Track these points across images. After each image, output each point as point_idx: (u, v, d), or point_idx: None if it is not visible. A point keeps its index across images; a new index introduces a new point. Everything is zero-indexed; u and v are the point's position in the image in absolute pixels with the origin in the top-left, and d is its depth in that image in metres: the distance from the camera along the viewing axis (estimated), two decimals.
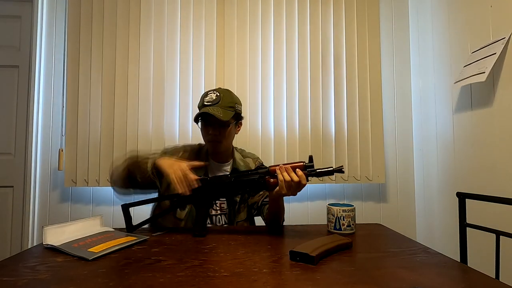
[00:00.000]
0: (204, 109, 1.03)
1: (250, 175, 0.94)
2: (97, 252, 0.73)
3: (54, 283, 0.59)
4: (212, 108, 1.03)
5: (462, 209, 1.01)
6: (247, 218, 1.15)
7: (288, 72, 1.90)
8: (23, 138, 1.82)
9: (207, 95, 1.07)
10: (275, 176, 0.89)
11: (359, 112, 1.91)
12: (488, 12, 1.36)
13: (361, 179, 1.88)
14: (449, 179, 1.63)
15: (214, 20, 1.87)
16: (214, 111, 1.02)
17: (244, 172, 0.96)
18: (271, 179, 0.91)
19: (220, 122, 1.04)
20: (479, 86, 1.40)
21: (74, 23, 1.78)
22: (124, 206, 0.96)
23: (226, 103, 1.05)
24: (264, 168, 0.94)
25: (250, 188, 0.94)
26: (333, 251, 0.76)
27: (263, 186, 0.92)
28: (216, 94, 1.06)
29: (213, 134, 1.06)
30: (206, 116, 1.04)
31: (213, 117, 1.02)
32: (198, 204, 0.96)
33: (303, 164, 0.88)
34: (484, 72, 1.28)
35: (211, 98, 1.05)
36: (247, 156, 1.22)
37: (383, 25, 2.01)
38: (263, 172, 0.93)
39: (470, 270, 0.67)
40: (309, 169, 0.88)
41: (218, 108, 1.03)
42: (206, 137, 1.10)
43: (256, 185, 0.93)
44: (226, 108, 1.05)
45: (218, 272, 0.64)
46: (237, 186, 0.94)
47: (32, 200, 1.76)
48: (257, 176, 0.93)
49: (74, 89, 1.76)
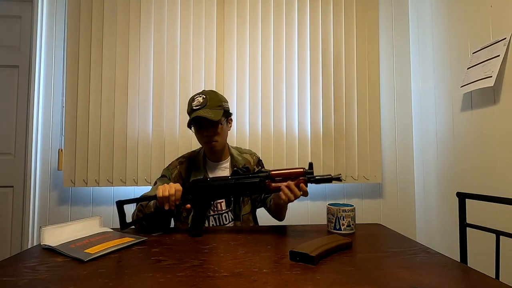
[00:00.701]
0: (195, 113, 1.05)
1: (251, 178, 0.94)
2: (93, 253, 0.73)
3: (54, 283, 0.59)
4: (202, 111, 1.05)
5: (462, 209, 1.01)
6: (251, 211, 1.19)
7: (288, 72, 1.90)
8: (23, 138, 1.82)
9: (194, 99, 1.09)
10: (276, 180, 0.92)
11: (358, 112, 1.91)
12: (488, 12, 1.36)
13: (358, 179, 1.88)
14: (449, 179, 1.63)
15: (214, 20, 1.87)
16: (205, 113, 1.05)
17: (244, 174, 0.97)
18: (272, 184, 0.92)
19: (212, 123, 1.07)
20: None
21: (74, 23, 1.78)
22: (119, 202, 0.96)
23: (213, 103, 1.08)
24: (265, 172, 0.94)
25: (250, 191, 0.94)
26: (333, 251, 0.76)
27: (263, 189, 0.93)
28: (202, 97, 1.09)
29: (208, 135, 1.09)
30: (198, 120, 1.08)
31: (205, 120, 1.05)
32: (196, 205, 0.97)
33: (303, 171, 0.90)
34: (491, 76, 1.27)
35: (198, 102, 1.08)
36: (244, 152, 1.25)
37: (383, 25, 2.01)
38: (264, 176, 0.93)
39: (470, 270, 0.67)
40: (308, 175, 0.90)
41: (207, 109, 1.06)
42: (202, 140, 1.13)
43: (256, 188, 0.93)
44: (215, 108, 1.08)
45: (218, 272, 0.64)
46: (237, 188, 0.95)
47: (32, 200, 1.76)
48: (258, 179, 0.93)
49: (74, 89, 1.76)
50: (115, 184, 1.74)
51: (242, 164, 1.18)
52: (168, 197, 0.91)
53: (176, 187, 0.93)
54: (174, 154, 1.76)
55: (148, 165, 1.77)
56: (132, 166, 1.76)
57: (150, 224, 1.01)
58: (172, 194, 0.92)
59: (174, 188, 0.93)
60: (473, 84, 1.38)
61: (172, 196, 0.92)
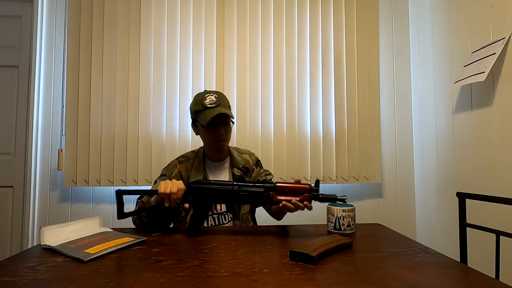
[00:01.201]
0: (214, 110, 1.05)
1: (256, 187, 0.94)
2: (93, 253, 0.73)
3: (54, 283, 0.59)
4: (220, 108, 1.06)
5: (462, 209, 1.01)
6: (250, 210, 1.19)
7: (288, 72, 1.90)
8: (23, 138, 1.82)
9: (205, 98, 1.08)
10: (280, 193, 0.91)
11: (358, 112, 1.91)
12: (488, 12, 1.36)
13: (359, 179, 1.88)
14: (449, 179, 1.63)
15: (214, 20, 1.87)
16: (225, 111, 1.05)
17: (250, 182, 0.96)
18: (276, 196, 0.91)
19: (226, 122, 1.09)
20: (479, 86, 1.40)
21: (74, 23, 1.78)
22: (118, 191, 0.95)
23: (226, 103, 1.11)
24: (271, 183, 0.94)
25: (252, 200, 0.93)
26: (333, 251, 0.76)
27: (266, 200, 0.92)
28: (215, 95, 1.09)
29: (219, 134, 1.09)
30: (215, 118, 1.05)
31: (220, 118, 1.05)
32: (196, 206, 0.96)
33: (309, 187, 0.90)
34: (483, 72, 1.28)
35: (212, 101, 1.07)
36: (243, 153, 1.25)
37: (383, 25, 2.01)
38: (269, 187, 0.93)
39: (470, 270, 0.67)
40: (314, 193, 0.90)
41: (222, 108, 1.07)
42: (212, 139, 1.11)
43: (259, 198, 0.93)
44: (227, 107, 1.10)
45: (218, 272, 0.64)
46: (240, 196, 0.94)
47: (32, 200, 1.76)
48: (262, 189, 0.92)
49: (74, 89, 1.76)
50: (116, 183, 1.74)
51: (241, 165, 1.17)
52: (169, 194, 0.90)
53: (179, 185, 0.92)
54: (174, 154, 1.76)
55: (148, 165, 1.77)
56: (133, 166, 1.76)
57: (150, 218, 1.00)
58: (174, 192, 0.90)
59: (176, 187, 0.91)
60: (465, 79, 1.39)
61: (174, 194, 0.91)
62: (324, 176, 1.87)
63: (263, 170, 1.23)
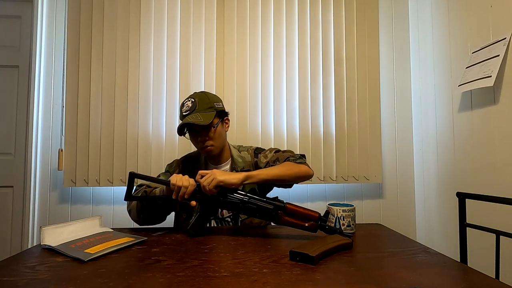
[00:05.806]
0: (185, 119, 1.03)
1: (266, 202, 0.92)
2: (93, 253, 0.73)
3: (54, 283, 0.59)
4: (191, 116, 1.02)
5: (462, 209, 1.01)
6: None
7: (288, 72, 1.89)
8: (23, 138, 1.82)
9: (184, 105, 1.07)
10: (289, 214, 0.90)
11: (358, 112, 1.91)
12: (488, 12, 1.36)
13: (359, 179, 1.88)
14: (449, 179, 1.63)
15: (214, 20, 1.87)
16: (193, 118, 1.01)
17: (260, 197, 0.94)
18: (284, 217, 0.90)
19: (203, 127, 1.04)
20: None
21: (74, 23, 1.78)
22: (132, 173, 0.93)
23: (203, 106, 1.05)
24: (282, 203, 0.92)
25: (260, 215, 0.93)
26: (333, 251, 0.76)
27: (273, 218, 0.91)
28: (191, 100, 1.06)
29: (202, 140, 1.06)
30: (189, 126, 1.05)
31: (196, 125, 1.02)
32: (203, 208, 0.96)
33: (318, 216, 0.89)
34: (490, 76, 1.27)
35: (187, 107, 1.05)
36: (243, 151, 1.22)
37: (383, 25, 2.01)
38: (279, 206, 0.91)
39: (470, 270, 0.67)
40: (321, 222, 0.89)
41: (197, 114, 1.03)
42: (197, 146, 1.11)
43: (267, 215, 0.92)
44: (205, 111, 1.04)
45: (218, 272, 0.64)
46: (249, 208, 0.93)
47: (32, 200, 1.75)
48: (272, 207, 0.91)
49: (74, 89, 1.76)
50: (115, 184, 1.74)
51: (241, 167, 1.14)
52: (180, 187, 0.90)
53: (191, 181, 0.92)
54: (173, 154, 1.76)
55: (148, 165, 1.77)
56: (132, 166, 1.76)
57: (149, 204, 1.00)
58: (185, 186, 0.90)
59: (188, 181, 0.91)
60: (471, 83, 1.38)
61: (185, 188, 0.90)
62: (324, 176, 1.87)
63: (263, 156, 1.18)
